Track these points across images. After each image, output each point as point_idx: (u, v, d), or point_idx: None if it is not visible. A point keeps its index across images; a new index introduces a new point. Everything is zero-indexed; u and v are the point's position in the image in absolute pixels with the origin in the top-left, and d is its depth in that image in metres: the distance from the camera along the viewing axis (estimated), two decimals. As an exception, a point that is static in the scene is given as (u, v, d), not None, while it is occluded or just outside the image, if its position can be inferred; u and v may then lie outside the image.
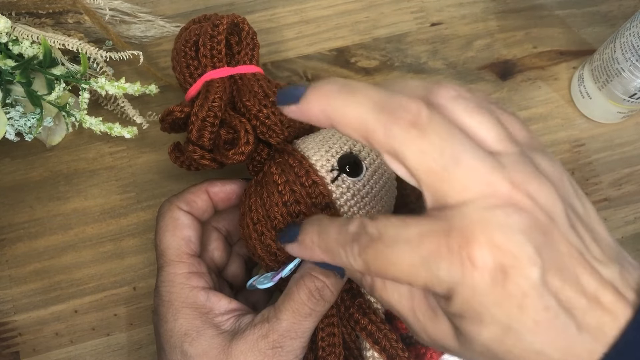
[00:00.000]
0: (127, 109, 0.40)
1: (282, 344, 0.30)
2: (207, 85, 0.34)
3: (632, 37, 0.37)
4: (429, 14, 0.46)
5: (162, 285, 0.32)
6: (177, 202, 0.34)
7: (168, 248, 0.33)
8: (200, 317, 0.31)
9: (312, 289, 0.30)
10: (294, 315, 0.30)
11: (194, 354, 0.30)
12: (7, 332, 0.38)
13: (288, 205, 0.31)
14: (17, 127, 0.37)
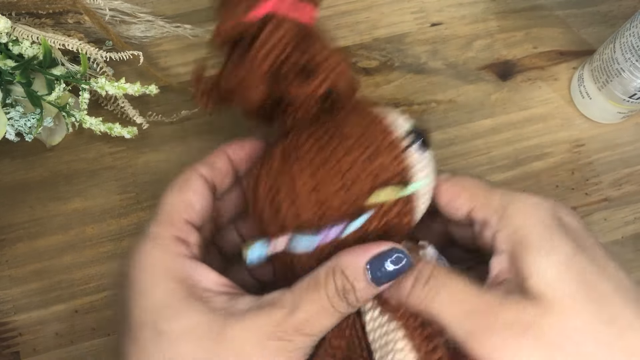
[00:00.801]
0: (127, 109, 0.40)
1: (292, 339, 0.25)
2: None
3: (632, 37, 0.37)
4: (429, 14, 0.46)
5: (140, 246, 0.27)
6: (196, 164, 0.30)
7: (164, 205, 0.29)
8: (185, 290, 0.26)
9: (339, 287, 0.26)
10: (316, 308, 0.25)
11: (172, 333, 0.25)
12: (7, 332, 0.38)
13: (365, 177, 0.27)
14: (17, 127, 0.37)
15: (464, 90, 0.44)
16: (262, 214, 0.29)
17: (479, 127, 0.43)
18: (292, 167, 0.28)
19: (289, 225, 0.28)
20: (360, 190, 0.27)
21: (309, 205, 0.27)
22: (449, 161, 0.42)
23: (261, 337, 0.25)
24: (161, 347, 0.25)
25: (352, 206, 0.27)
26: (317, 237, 0.27)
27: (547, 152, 0.43)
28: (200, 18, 0.45)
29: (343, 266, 0.26)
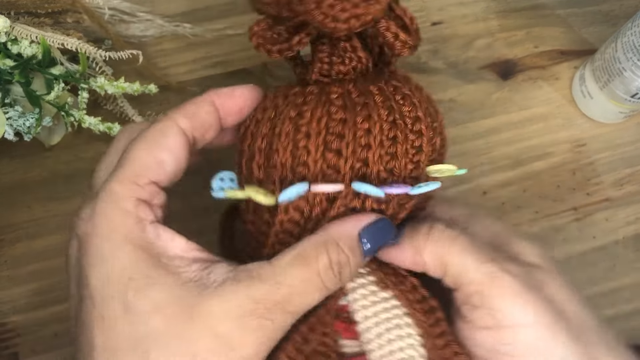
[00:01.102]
0: (126, 109, 0.40)
1: (272, 317, 0.23)
2: None
3: (634, 36, 0.37)
4: (430, 13, 0.46)
5: (99, 207, 0.24)
6: (175, 114, 0.26)
7: (131, 162, 0.25)
8: (150, 259, 0.23)
9: (333, 261, 0.24)
10: (302, 284, 0.23)
11: (141, 309, 0.22)
12: (6, 332, 0.38)
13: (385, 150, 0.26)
14: (16, 126, 0.37)
15: (465, 90, 0.44)
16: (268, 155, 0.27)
17: (480, 127, 0.43)
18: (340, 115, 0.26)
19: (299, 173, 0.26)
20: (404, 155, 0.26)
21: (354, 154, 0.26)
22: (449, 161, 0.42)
23: (240, 314, 0.22)
24: (131, 324, 0.22)
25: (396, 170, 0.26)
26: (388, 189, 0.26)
27: (548, 152, 0.43)
28: (200, 17, 0.44)
29: (336, 237, 0.25)
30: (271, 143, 0.26)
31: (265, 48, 0.28)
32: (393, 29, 0.27)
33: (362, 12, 0.25)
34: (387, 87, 0.28)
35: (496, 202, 0.42)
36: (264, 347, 0.23)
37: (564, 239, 0.41)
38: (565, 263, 0.41)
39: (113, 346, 0.22)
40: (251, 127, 0.28)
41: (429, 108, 0.28)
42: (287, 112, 0.26)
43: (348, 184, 0.25)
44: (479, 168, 0.42)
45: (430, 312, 0.26)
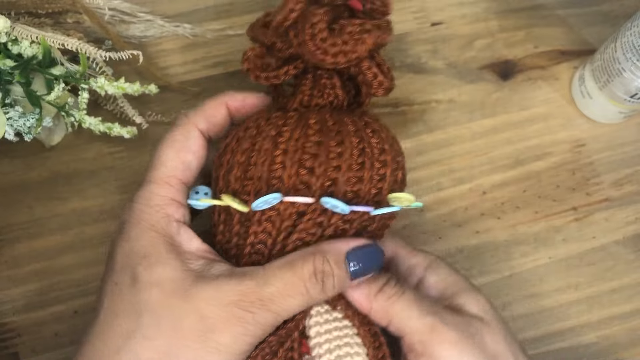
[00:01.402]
0: (127, 109, 0.40)
1: (255, 311, 0.26)
2: None
3: (633, 36, 0.37)
4: (430, 13, 0.46)
5: (137, 200, 0.29)
6: (195, 117, 0.31)
7: (164, 165, 0.29)
8: (167, 246, 0.27)
9: (318, 269, 0.27)
10: (286, 287, 0.26)
11: (146, 281, 0.26)
12: (6, 332, 0.38)
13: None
14: (16, 127, 0.37)
15: (465, 90, 0.44)
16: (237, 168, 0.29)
17: (480, 127, 0.43)
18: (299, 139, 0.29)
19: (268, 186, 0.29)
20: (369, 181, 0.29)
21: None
22: (449, 161, 0.42)
23: (225, 302, 0.25)
24: (134, 292, 0.26)
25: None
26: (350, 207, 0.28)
27: (548, 152, 0.43)
28: (200, 17, 0.44)
29: (326, 250, 0.27)
30: (250, 157, 0.29)
31: (254, 74, 0.32)
32: (374, 70, 0.31)
33: (349, 50, 0.29)
34: (360, 120, 0.31)
35: (496, 202, 0.42)
36: (241, 338, 0.26)
37: (564, 239, 0.41)
38: (565, 263, 0.41)
39: (116, 308, 0.26)
40: (232, 144, 0.30)
41: (394, 145, 0.31)
42: (268, 130, 0.29)
43: (317, 199, 0.28)
44: (478, 168, 0.42)
45: (376, 336, 0.29)
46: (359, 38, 0.30)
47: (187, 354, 0.25)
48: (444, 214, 0.41)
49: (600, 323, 0.40)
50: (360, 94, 0.33)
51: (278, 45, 0.31)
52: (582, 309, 0.40)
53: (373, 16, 0.31)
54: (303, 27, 0.29)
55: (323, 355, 0.28)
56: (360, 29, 0.30)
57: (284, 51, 0.31)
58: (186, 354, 0.25)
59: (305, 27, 0.29)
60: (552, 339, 0.40)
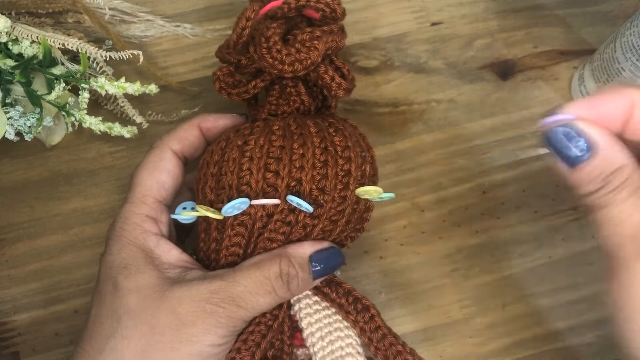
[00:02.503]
0: (127, 109, 0.40)
1: (225, 306, 0.28)
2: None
3: (633, 36, 0.37)
4: (429, 13, 0.46)
5: (118, 219, 0.31)
6: (168, 140, 0.33)
7: (138, 185, 0.32)
8: (145, 258, 0.30)
9: (283, 271, 0.29)
10: (254, 285, 0.28)
11: (125, 288, 0.29)
12: (6, 332, 0.38)
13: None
14: (16, 126, 0.37)
15: (464, 90, 0.44)
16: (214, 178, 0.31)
17: (479, 127, 0.43)
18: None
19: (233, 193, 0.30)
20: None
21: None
22: (449, 161, 0.42)
23: (197, 299, 0.28)
24: (115, 298, 0.29)
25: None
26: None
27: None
28: (200, 17, 0.45)
29: (291, 254, 0.30)
30: (221, 168, 0.31)
31: (226, 92, 0.34)
32: (330, 73, 0.33)
33: (303, 57, 0.31)
34: (323, 122, 0.32)
35: (496, 202, 0.42)
36: (213, 330, 0.28)
37: (564, 239, 0.41)
38: (565, 263, 0.41)
39: (100, 313, 0.29)
40: (206, 157, 0.32)
41: (359, 141, 0.33)
42: (235, 141, 0.31)
43: (284, 199, 0.30)
44: (478, 168, 0.42)
45: (365, 310, 0.31)
46: (311, 45, 0.32)
47: (163, 347, 0.27)
48: (444, 214, 0.41)
49: (600, 323, 0.40)
50: (327, 97, 0.36)
51: (243, 61, 0.34)
52: (582, 308, 0.40)
53: (327, 23, 0.34)
54: (259, 41, 0.32)
55: (316, 344, 0.30)
56: (310, 36, 0.32)
57: (249, 66, 0.34)
58: (163, 347, 0.27)
59: (261, 41, 0.31)
60: (553, 338, 0.40)
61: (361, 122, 0.43)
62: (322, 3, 0.33)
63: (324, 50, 0.32)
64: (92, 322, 0.29)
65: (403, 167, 0.42)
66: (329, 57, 0.34)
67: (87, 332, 0.29)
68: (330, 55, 0.34)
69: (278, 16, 0.33)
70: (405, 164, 0.42)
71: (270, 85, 0.35)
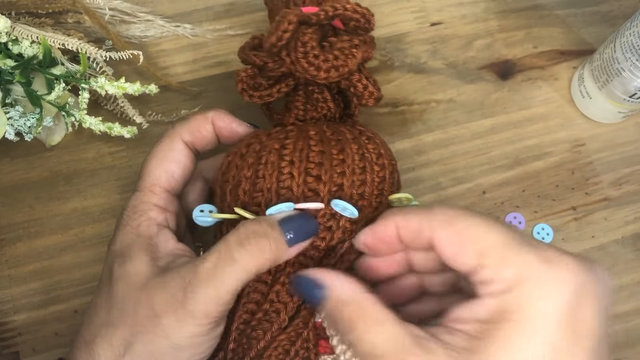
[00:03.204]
0: (127, 109, 0.40)
1: (195, 290, 0.26)
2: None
3: (632, 36, 0.37)
4: (429, 13, 0.46)
5: (126, 207, 0.31)
6: (180, 129, 0.33)
7: (148, 174, 0.32)
8: (141, 245, 0.30)
9: (248, 233, 0.27)
10: (218, 258, 0.27)
11: (117, 275, 0.29)
12: (6, 332, 0.38)
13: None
14: (16, 126, 0.37)
15: (464, 90, 0.44)
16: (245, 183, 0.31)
17: (479, 127, 0.43)
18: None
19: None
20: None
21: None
22: (449, 161, 0.42)
23: (170, 287, 0.27)
24: (109, 286, 0.29)
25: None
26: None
27: (547, 151, 0.43)
28: (200, 18, 0.45)
29: (255, 218, 0.29)
30: (257, 171, 0.30)
31: (247, 93, 0.34)
32: (364, 81, 0.33)
33: (341, 64, 0.31)
34: (354, 129, 0.33)
35: (495, 202, 0.42)
36: (186, 320, 0.26)
37: (563, 239, 0.41)
38: (564, 262, 0.41)
39: (97, 302, 0.30)
40: (236, 160, 0.31)
41: (387, 150, 0.33)
42: (271, 145, 0.31)
43: (327, 204, 0.29)
44: (478, 168, 0.42)
45: None
46: (349, 53, 0.32)
47: (142, 339, 0.27)
48: (443, 214, 0.41)
49: (600, 322, 0.40)
50: (348, 106, 0.36)
51: (270, 65, 0.33)
52: (581, 308, 0.40)
53: (357, 33, 0.33)
54: (295, 46, 0.31)
55: (347, 351, 0.28)
56: (350, 44, 0.32)
57: (275, 70, 0.33)
58: (142, 339, 0.27)
59: (298, 45, 0.31)
60: (552, 338, 0.40)
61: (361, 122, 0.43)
62: (358, 13, 0.32)
63: (360, 59, 0.32)
64: (91, 309, 0.30)
65: (403, 167, 0.42)
66: (358, 66, 0.34)
67: (86, 317, 0.30)
68: (360, 65, 0.34)
69: (312, 23, 0.32)
70: (405, 164, 0.42)
71: (293, 91, 0.35)
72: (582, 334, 0.23)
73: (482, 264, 0.24)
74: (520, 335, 0.23)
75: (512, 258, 0.24)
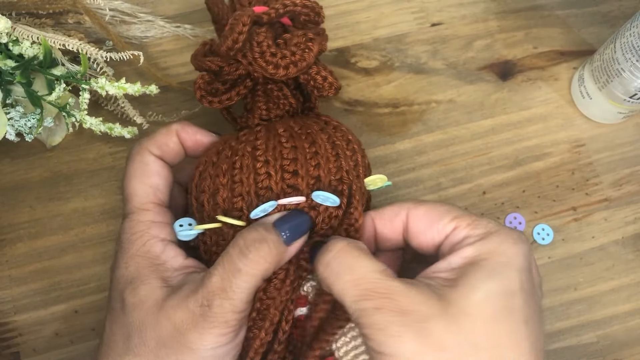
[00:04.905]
0: (128, 109, 0.40)
1: (210, 303, 0.27)
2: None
3: (633, 37, 0.37)
4: (429, 14, 0.46)
5: (123, 232, 0.31)
6: (147, 145, 0.32)
7: (135, 195, 0.31)
8: (150, 267, 0.29)
9: (247, 242, 0.28)
10: (224, 271, 0.28)
11: (131, 303, 0.28)
12: (7, 332, 0.38)
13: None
14: (17, 127, 0.37)
15: (464, 90, 0.44)
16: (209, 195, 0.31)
17: (479, 127, 0.43)
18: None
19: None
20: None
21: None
22: (449, 161, 0.42)
23: (187, 304, 0.27)
24: (123, 315, 0.29)
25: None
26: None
27: (548, 152, 0.43)
28: (200, 18, 0.45)
29: (253, 225, 0.29)
30: (233, 176, 0.30)
31: (207, 100, 0.34)
32: (323, 73, 0.33)
33: (299, 59, 0.32)
34: (320, 120, 0.33)
35: (496, 202, 0.42)
36: (208, 332, 0.27)
37: (563, 239, 0.41)
38: (565, 262, 0.41)
39: (114, 331, 0.29)
40: (208, 169, 0.31)
41: (354, 136, 0.34)
42: (243, 148, 0.31)
43: (308, 196, 0.30)
44: (478, 168, 0.42)
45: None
46: (306, 47, 0.32)
47: (170, 359, 0.27)
48: (443, 214, 0.41)
49: (600, 323, 0.40)
50: (308, 99, 0.36)
51: (226, 69, 0.34)
52: (581, 308, 0.40)
53: (308, 27, 0.34)
54: (251, 47, 0.32)
55: (350, 352, 0.29)
56: (305, 38, 0.32)
57: (232, 73, 0.34)
58: (169, 359, 0.27)
59: (253, 46, 0.32)
60: (552, 339, 0.40)
61: (361, 122, 0.43)
62: (307, 7, 0.33)
63: (317, 52, 0.33)
64: (107, 339, 0.29)
65: (403, 167, 0.42)
66: (315, 59, 0.34)
67: (103, 348, 0.29)
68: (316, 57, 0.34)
69: (264, 22, 0.33)
70: (405, 164, 0.42)
71: (253, 91, 0.35)
72: (536, 283, 0.29)
73: (456, 226, 0.29)
74: (493, 273, 0.27)
75: (481, 222, 0.29)
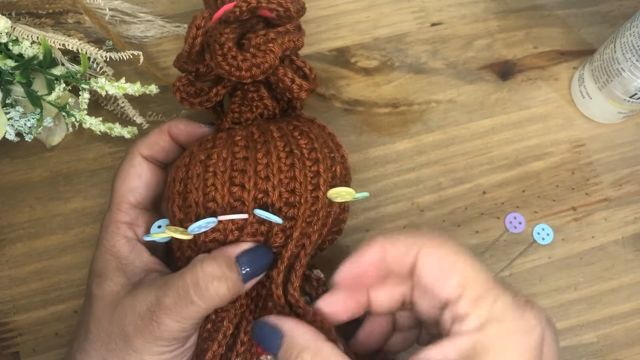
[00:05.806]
0: (127, 109, 0.40)
1: (159, 320, 0.27)
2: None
3: (633, 37, 0.37)
4: (429, 13, 0.46)
5: (101, 228, 0.33)
6: (139, 146, 0.34)
7: (115, 192, 0.33)
8: (117, 265, 0.31)
9: (206, 277, 0.27)
10: (178, 296, 0.27)
11: (95, 295, 0.30)
12: (7, 332, 0.38)
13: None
14: (17, 127, 0.37)
15: (464, 90, 0.44)
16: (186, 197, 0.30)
17: (479, 127, 0.43)
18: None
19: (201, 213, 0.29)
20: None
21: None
22: (449, 161, 0.42)
23: (137, 311, 0.28)
24: (89, 305, 0.31)
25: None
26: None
27: (548, 152, 0.43)
28: (200, 18, 0.44)
29: (214, 256, 0.28)
30: (186, 185, 0.30)
31: (187, 101, 0.33)
32: (290, 75, 0.32)
33: (260, 61, 0.30)
34: (287, 125, 0.31)
35: (495, 202, 0.42)
36: (153, 342, 0.28)
37: (563, 239, 0.41)
38: (565, 262, 0.41)
39: (82, 319, 0.31)
40: (172, 174, 0.31)
41: (327, 142, 0.32)
42: (197, 156, 0.30)
43: (251, 212, 0.29)
44: (478, 168, 0.42)
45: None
46: (266, 48, 0.31)
47: (117, 356, 0.29)
48: (444, 214, 0.41)
49: (600, 323, 0.40)
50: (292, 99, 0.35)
51: (202, 69, 0.33)
52: (581, 308, 0.40)
53: (282, 22, 0.32)
54: (214, 49, 0.31)
55: None
56: (264, 39, 0.31)
57: (209, 74, 0.33)
58: (117, 356, 0.29)
59: (216, 48, 0.31)
60: (552, 338, 0.40)
61: (361, 122, 0.43)
62: (273, 3, 0.31)
63: (280, 52, 0.31)
64: (78, 325, 0.32)
65: (403, 167, 0.42)
66: (288, 57, 0.33)
67: (75, 333, 0.32)
68: (289, 55, 0.33)
69: (232, 20, 0.32)
70: (405, 164, 0.42)
71: (233, 92, 0.34)
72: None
73: (462, 295, 0.25)
74: None
75: (489, 295, 0.25)
